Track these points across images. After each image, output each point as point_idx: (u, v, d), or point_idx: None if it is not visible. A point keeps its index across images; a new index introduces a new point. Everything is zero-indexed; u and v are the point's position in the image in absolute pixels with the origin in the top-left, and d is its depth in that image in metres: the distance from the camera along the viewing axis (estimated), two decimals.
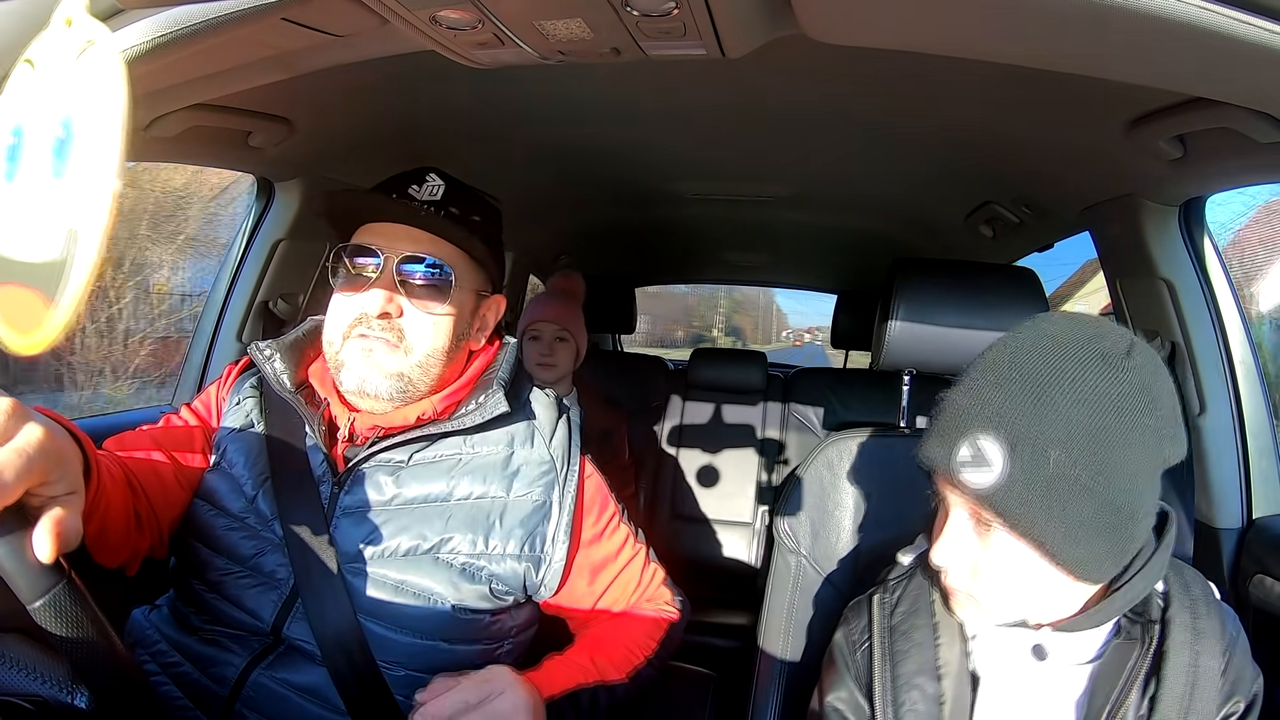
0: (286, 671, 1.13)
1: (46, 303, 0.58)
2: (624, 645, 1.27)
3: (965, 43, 0.92)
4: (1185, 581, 0.99)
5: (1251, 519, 1.54)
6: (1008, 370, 0.88)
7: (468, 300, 1.24)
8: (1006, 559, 0.90)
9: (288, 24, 0.94)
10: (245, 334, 1.90)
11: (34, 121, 0.62)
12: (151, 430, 1.25)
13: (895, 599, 1.08)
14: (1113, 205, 1.67)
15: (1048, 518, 0.84)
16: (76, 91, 0.59)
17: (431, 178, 1.21)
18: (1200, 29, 0.71)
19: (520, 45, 0.98)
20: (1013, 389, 0.86)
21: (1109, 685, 0.94)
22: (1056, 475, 0.83)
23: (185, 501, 1.21)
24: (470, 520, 1.18)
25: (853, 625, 1.11)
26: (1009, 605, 0.94)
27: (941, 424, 0.92)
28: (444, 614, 1.16)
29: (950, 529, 0.94)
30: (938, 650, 1.01)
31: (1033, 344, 0.89)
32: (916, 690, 1.00)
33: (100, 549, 1.07)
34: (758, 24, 0.93)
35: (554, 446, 1.26)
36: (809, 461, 1.45)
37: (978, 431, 0.87)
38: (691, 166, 2.29)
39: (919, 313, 1.42)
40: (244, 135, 1.53)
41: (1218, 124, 1.17)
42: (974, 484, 0.87)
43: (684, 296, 24.96)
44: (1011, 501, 0.85)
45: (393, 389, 1.18)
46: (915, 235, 2.77)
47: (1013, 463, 0.85)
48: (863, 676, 1.06)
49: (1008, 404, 0.86)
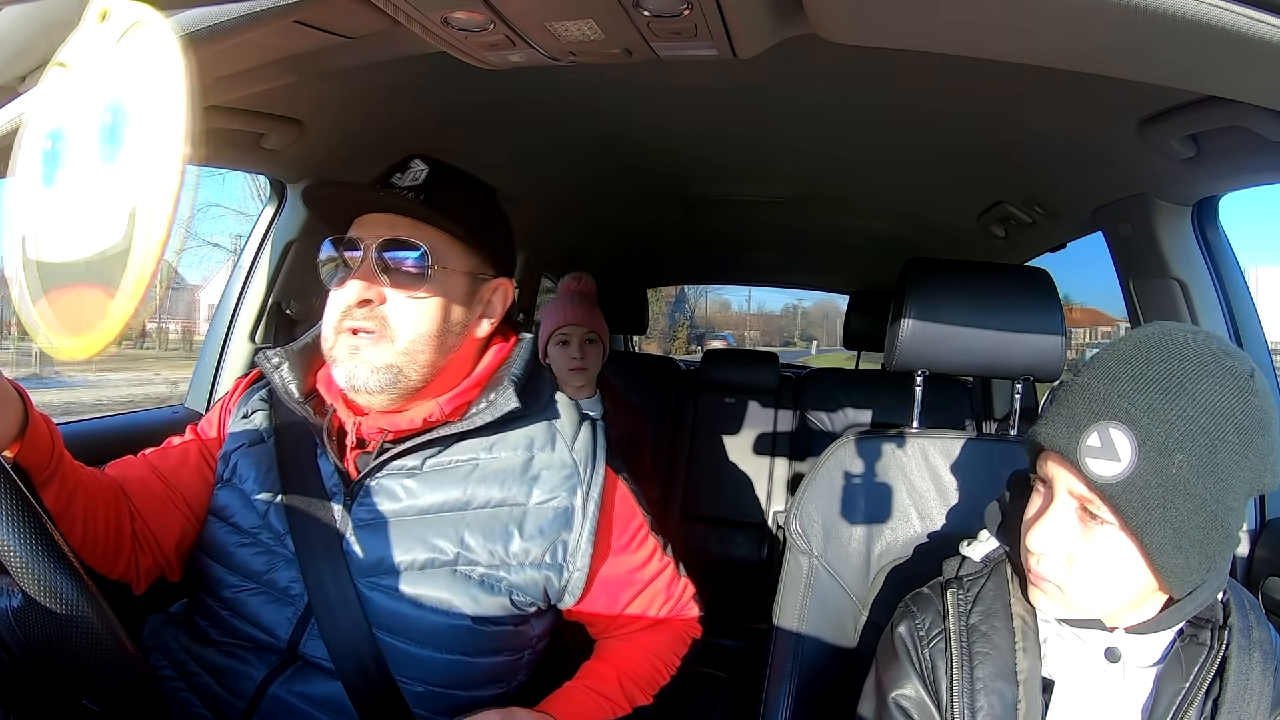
0: (304, 685, 1.11)
1: (109, 294, 0.57)
2: (651, 663, 1.25)
3: (976, 42, 0.92)
4: (1238, 591, 0.99)
5: (1265, 520, 1.53)
6: (1144, 366, 0.88)
7: (457, 283, 1.19)
8: (1106, 554, 0.89)
9: (300, 26, 0.95)
10: (259, 335, 1.91)
11: (75, 119, 0.62)
12: (150, 454, 1.25)
13: (972, 597, 1.05)
14: (1125, 205, 1.66)
15: (1160, 520, 0.84)
16: (123, 75, 0.58)
17: (416, 164, 1.19)
18: (1213, 27, 0.71)
19: (531, 47, 0.98)
20: (1149, 386, 0.86)
21: (1173, 688, 0.93)
22: (1178, 479, 0.83)
23: (185, 523, 1.21)
24: (488, 529, 1.15)
25: (919, 619, 1.07)
26: (1097, 602, 0.93)
27: (1070, 407, 0.91)
28: (463, 627, 1.13)
29: (1053, 515, 0.92)
30: (1016, 654, 1.00)
31: (1168, 347, 0.88)
32: (996, 695, 0.98)
33: (86, 549, 1.08)
34: (769, 24, 0.93)
35: (577, 449, 1.22)
36: (821, 462, 1.44)
37: (1110, 421, 0.86)
38: (702, 168, 2.29)
39: (931, 313, 1.42)
40: (257, 137, 1.54)
41: (1230, 122, 1.16)
42: (1098, 474, 0.86)
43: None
44: (1131, 497, 0.85)
45: (382, 381, 1.13)
46: (927, 236, 2.76)
47: (1140, 458, 0.84)
48: (931, 674, 1.03)
49: (1144, 399, 0.86)
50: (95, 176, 0.59)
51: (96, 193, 0.59)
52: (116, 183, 0.57)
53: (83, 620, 0.79)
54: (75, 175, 0.61)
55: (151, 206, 0.55)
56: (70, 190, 0.61)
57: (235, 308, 1.92)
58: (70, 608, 0.78)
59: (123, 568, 1.14)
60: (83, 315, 0.59)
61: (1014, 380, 1.50)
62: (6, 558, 0.75)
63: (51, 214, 0.62)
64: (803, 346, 42.65)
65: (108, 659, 0.82)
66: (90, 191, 0.59)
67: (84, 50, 0.63)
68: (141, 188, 0.56)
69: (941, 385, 3.08)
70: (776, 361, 3.52)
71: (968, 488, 1.40)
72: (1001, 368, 1.43)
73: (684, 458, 3.33)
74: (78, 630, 0.79)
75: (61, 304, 0.61)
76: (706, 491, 3.29)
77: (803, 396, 3.34)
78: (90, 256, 0.59)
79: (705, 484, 3.30)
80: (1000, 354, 1.41)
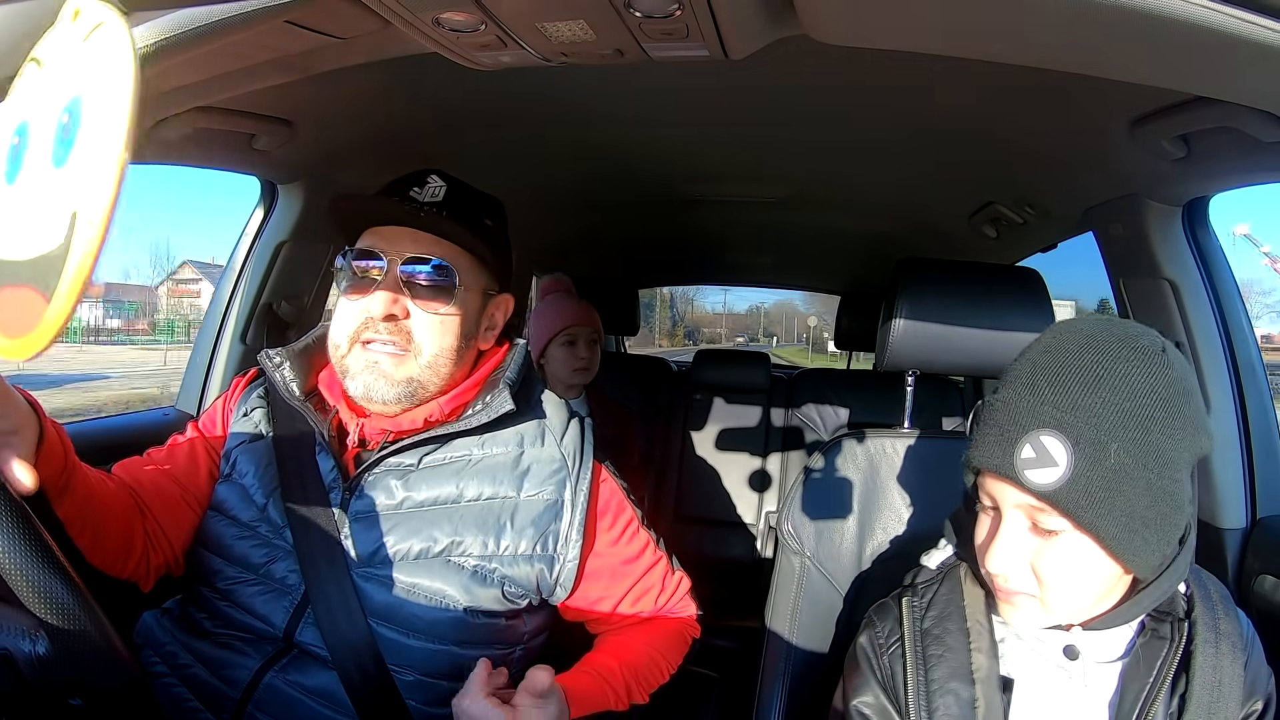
0: (299, 674, 1.13)
1: (45, 299, 0.56)
2: (651, 656, 1.27)
3: (967, 43, 0.92)
4: (1203, 583, 1.00)
5: (1255, 519, 1.54)
6: (1060, 369, 0.89)
7: (474, 300, 1.24)
8: (1068, 557, 0.90)
9: (291, 27, 0.94)
10: (249, 336, 1.90)
11: (40, 116, 0.61)
12: (157, 453, 1.26)
13: (925, 603, 1.07)
14: (1116, 205, 1.67)
15: (1110, 511, 0.85)
16: (84, 74, 0.58)
17: (433, 179, 1.21)
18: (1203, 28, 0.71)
19: (522, 47, 0.98)
20: (1070, 386, 0.88)
21: (1139, 683, 0.94)
22: (1117, 467, 0.85)
23: (194, 520, 1.22)
24: (481, 521, 1.17)
25: (879, 628, 1.09)
26: (1074, 603, 0.94)
27: (997, 425, 0.92)
28: (456, 618, 1.15)
29: (1005, 533, 0.93)
30: (970, 655, 1.00)
31: (1078, 343, 0.90)
32: (951, 695, 0.99)
33: (97, 553, 1.08)
34: (760, 25, 0.94)
35: (565, 445, 1.25)
36: (813, 463, 1.45)
37: (1040, 429, 0.88)
38: (692, 168, 2.29)
39: (922, 313, 1.42)
40: (248, 138, 1.53)
41: (1221, 123, 1.17)
42: (1038, 483, 0.87)
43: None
44: (1077, 497, 0.86)
45: (401, 394, 1.18)
46: (919, 236, 2.76)
47: (1077, 458, 0.85)
48: (890, 681, 1.05)
49: (1067, 401, 0.87)
50: (46, 177, 0.59)
51: (45, 194, 0.58)
52: (62, 185, 0.57)
53: (101, 651, 0.80)
54: (32, 174, 0.61)
55: (89, 211, 0.54)
56: (26, 189, 0.61)
57: (226, 309, 1.91)
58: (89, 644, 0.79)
59: (132, 567, 1.15)
60: (23, 317, 0.58)
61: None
62: (25, 595, 0.75)
63: (7, 210, 0.62)
64: (765, 342, 48.56)
65: (118, 683, 0.83)
66: (40, 192, 0.59)
67: (55, 48, 0.62)
68: (83, 191, 0.55)
69: (933, 385, 3.09)
70: (768, 362, 3.53)
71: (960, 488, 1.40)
72: (992, 367, 1.43)
73: (676, 458, 3.33)
74: (97, 665, 0.80)
75: (4, 303, 0.60)
76: (699, 492, 3.29)
77: (794, 397, 3.34)
78: (35, 256, 0.58)
79: (697, 485, 3.30)
80: (991, 354, 1.42)
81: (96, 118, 0.56)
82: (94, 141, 0.56)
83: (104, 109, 0.56)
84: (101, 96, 0.56)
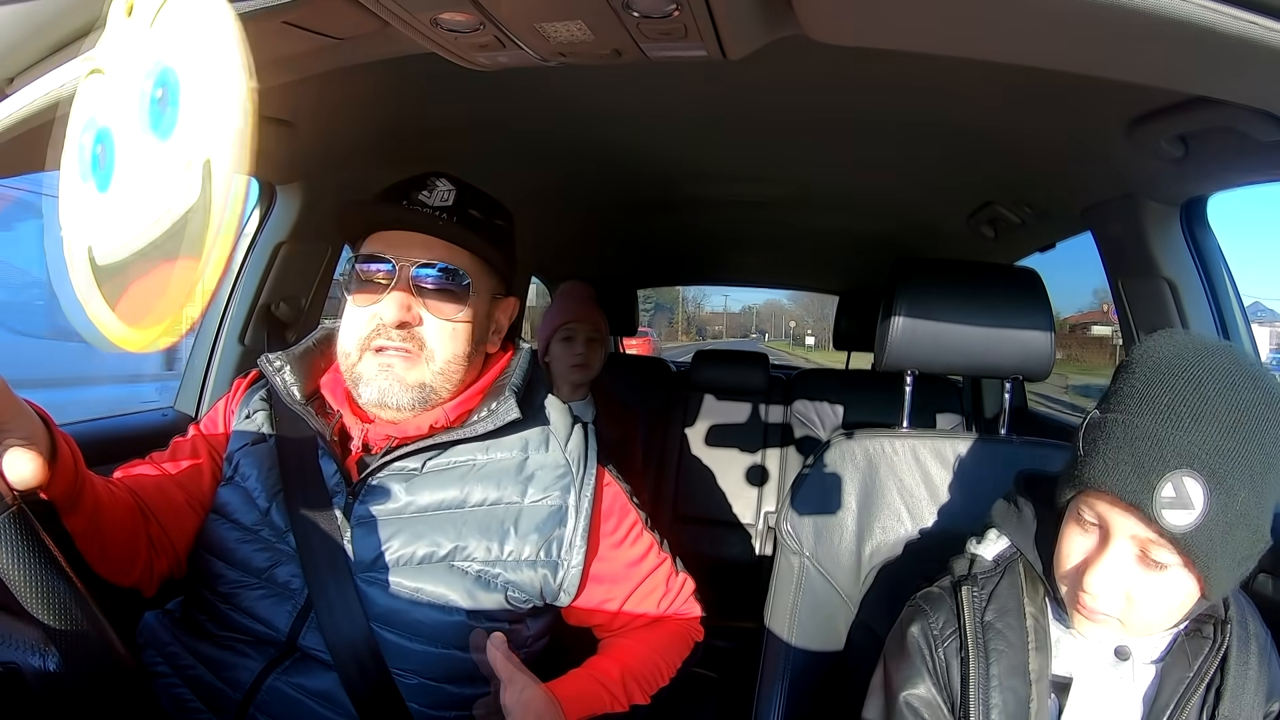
0: (301, 677, 1.12)
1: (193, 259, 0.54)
2: (654, 660, 1.26)
3: (966, 43, 0.92)
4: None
5: None
6: (1201, 404, 0.85)
7: (483, 304, 1.24)
8: (1168, 589, 0.89)
9: (289, 27, 0.94)
10: (248, 337, 1.90)
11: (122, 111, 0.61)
12: (159, 457, 1.26)
13: (987, 595, 1.05)
14: (1114, 205, 1.67)
15: (1224, 554, 0.85)
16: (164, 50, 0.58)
17: (441, 183, 1.21)
18: (1201, 27, 0.71)
19: (520, 48, 0.98)
20: (1211, 426, 0.84)
21: (1176, 678, 0.95)
22: (1240, 513, 0.83)
23: (197, 523, 1.22)
24: (485, 526, 1.17)
25: (932, 618, 1.07)
26: (1156, 627, 0.94)
27: (1134, 454, 0.87)
28: (459, 622, 1.15)
29: (1111, 560, 0.90)
30: (1028, 653, 1.00)
31: (1217, 378, 0.86)
32: (1010, 692, 0.98)
33: (104, 564, 1.07)
34: (759, 25, 0.93)
35: (569, 450, 1.24)
36: (812, 463, 1.45)
37: (1184, 470, 0.84)
38: (691, 168, 2.28)
39: (921, 313, 1.42)
40: None
41: (1219, 123, 1.17)
42: (1175, 525, 0.84)
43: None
44: (1201, 542, 0.84)
45: (414, 399, 1.18)
46: (917, 236, 2.77)
47: (1212, 504, 0.83)
48: (945, 674, 1.04)
49: (1210, 443, 0.84)
50: (153, 155, 0.58)
51: (159, 168, 0.57)
52: (178, 149, 0.56)
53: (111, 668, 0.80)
54: (132, 164, 0.60)
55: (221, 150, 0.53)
56: (129, 181, 0.60)
57: (224, 310, 1.91)
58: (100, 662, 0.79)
59: (137, 575, 1.14)
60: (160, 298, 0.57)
61: (1003, 379, 1.50)
62: (36, 609, 0.76)
63: (113, 213, 0.61)
64: (754, 338, 58.24)
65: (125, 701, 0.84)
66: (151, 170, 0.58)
67: (117, 48, 0.62)
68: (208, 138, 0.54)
69: (932, 385, 3.08)
70: (766, 362, 3.52)
71: (959, 487, 1.40)
72: (991, 367, 1.43)
73: (675, 459, 3.32)
74: (106, 683, 0.81)
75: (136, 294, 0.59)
76: (698, 492, 3.28)
77: (793, 397, 3.34)
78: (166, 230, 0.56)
79: (696, 485, 3.29)
80: (990, 353, 1.42)
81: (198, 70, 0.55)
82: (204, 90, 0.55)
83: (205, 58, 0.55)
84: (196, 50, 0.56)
